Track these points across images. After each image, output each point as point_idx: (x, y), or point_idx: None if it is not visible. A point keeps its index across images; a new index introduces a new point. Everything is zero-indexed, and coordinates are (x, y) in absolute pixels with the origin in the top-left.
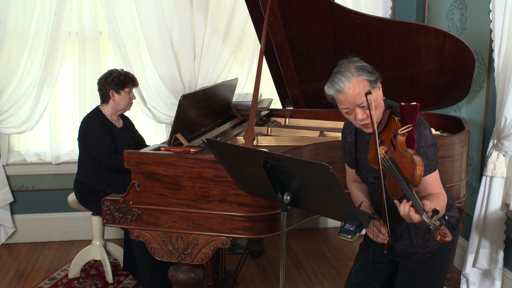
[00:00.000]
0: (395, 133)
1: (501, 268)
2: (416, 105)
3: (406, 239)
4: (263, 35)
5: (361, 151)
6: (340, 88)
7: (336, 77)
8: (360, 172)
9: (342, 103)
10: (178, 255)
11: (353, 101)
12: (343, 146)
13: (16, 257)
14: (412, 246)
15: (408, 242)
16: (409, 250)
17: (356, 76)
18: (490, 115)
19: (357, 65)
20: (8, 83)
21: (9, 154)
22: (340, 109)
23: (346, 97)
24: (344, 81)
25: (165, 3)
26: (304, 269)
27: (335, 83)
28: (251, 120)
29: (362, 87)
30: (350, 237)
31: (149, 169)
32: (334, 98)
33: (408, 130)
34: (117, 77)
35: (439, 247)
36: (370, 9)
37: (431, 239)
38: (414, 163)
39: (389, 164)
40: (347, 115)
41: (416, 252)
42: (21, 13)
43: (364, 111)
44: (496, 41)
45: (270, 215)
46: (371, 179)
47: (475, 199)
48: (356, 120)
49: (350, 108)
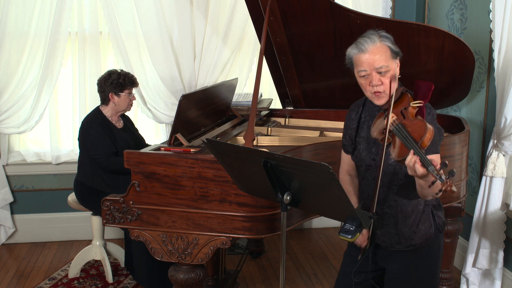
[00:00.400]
0: (406, 106)
1: (501, 268)
2: (430, 84)
3: (392, 228)
4: (263, 35)
5: (361, 132)
6: (363, 48)
7: (362, 39)
8: (356, 156)
9: (361, 65)
10: (178, 255)
11: (372, 63)
12: (345, 126)
13: (16, 257)
14: (396, 235)
15: (393, 232)
16: (392, 239)
17: (381, 41)
18: (490, 115)
19: (383, 34)
20: (8, 83)
21: (9, 154)
22: (356, 73)
23: (367, 58)
24: (369, 42)
25: (165, 3)
26: (304, 269)
27: (359, 43)
28: (251, 120)
29: (384, 52)
30: (350, 237)
31: (149, 169)
32: (354, 59)
33: (419, 106)
34: (116, 79)
35: (423, 241)
36: (370, 9)
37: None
38: (425, 126)
39: (398, 127)
40: (362, 80)
41: (398, 242)
42: (21, 13)
43: (380, 78)
44: (496, 41)
45: (270, 215)
46: (367, 161)
47: (475, 199)
48: (370, 85)
49: (367, 71)
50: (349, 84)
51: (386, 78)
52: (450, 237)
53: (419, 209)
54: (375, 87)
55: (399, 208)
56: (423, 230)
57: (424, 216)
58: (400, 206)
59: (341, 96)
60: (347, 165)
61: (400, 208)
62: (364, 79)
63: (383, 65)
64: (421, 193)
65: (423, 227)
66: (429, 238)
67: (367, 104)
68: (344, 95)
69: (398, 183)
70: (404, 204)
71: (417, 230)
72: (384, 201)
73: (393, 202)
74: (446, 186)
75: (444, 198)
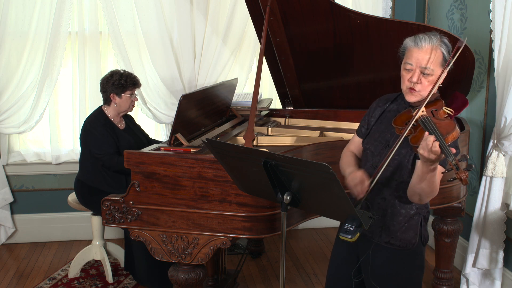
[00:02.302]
0: (438, 108)
1: (501, 268)
2: (467, 100)
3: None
4: (263, 35)
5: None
6: (420, 44)
7: (422, 35)
8: (366, 142)
9: (410, 58)
10: (178, 255)
11: (421, 61)
12: (367, 113)
13: (16, 257)
14: (380, 227)
15: (377, 223)
16: (374, 230)
17: (438, 45)
18: (490, 115)
19: (445, 40)
20: (8, 83)
21: (9, 154)
22: (403, 64)
23: (418, 54)
24: (427, 40)
25: (165, 3)
26: (304, 269)
27: (418, 38)
28: (251, 120)
29: (435, 56)
30: (350, 237)
31: (149, 169)
32: (407, 50)
33: (449, 113)
34: (117, 80)
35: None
36: (370, 9)
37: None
38: (454, 125)
39: (426, 119)
40: (405, 72)
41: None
42: (21, 13)
43: (421, 77)
44: (496, 41)
45: (270, 215)
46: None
47: (475, 199)
48: (409, 80)
49: (412, 66)
50: (349, 84)
51: (426, 79)
52: (450, 237)
53: (409, 213)
54: (412, 83)
55: (391, 203)
56: (407, 235)
57: (413, 222)
58: (392, 202)
59: (341, 96)
60: (354, 146)
61: (392, 203)
62: (407, 72)
63: (429, 67)
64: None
65: (407, 231)
66: (409, 245)
67: (398, 100)
68: (344, 95)
69: (399, 180)
70: (397, 202)
71: (399, 230)
72: (379, 191)
73: (388, 196)
74: (464, 176)
75: (444, 198)
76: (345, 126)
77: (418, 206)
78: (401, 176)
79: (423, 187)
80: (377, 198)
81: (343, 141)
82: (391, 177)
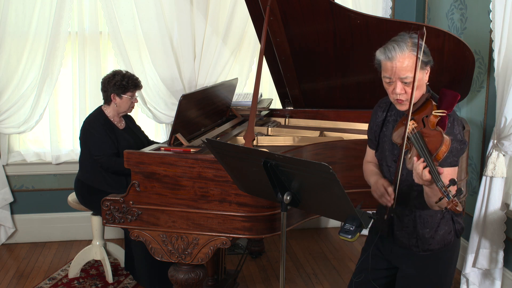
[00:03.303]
0: (428, 114)
1: (501, 268)
2: (456, 94)
3: (411, 230)
4: (263, 35)
5: (386, 131)
6: (390, 56)
7: (391, 45)
8: (379, 154)
9: (386, 71)
10: (178, 255)
11: (398, 73)
12: (370, 123)
13: (16, 257)
14: (415, 238)
15: (412, 234)
16: (410, 240)
17: (410, 51)
18: (490, 115)
19: (415, 41)
20: (8, 83)
21: (9, 154)
22: (382, 77)
23: (393, 66)
24: (397, 50)
25: (165, 3)
26: (304, 269)
27: (387, 50)
28: (251, 120)
29: (411, 62)
30: (350, 237)
31: (149, 169)
32: (381, 63)
33: (441, 115)
34: (119, 81)
35: (441, 247)
36: (370, 9)
37: (435, 238)
38: (442, 138)
39: (415, 136)
40: (387, 85)
41: (416, 245)
42: (21, 13)
43: (404, 87)
44: (496, 41)
45: (270, 215)
46: (389, 162)
47: (475, 199)
48: (393, 93)
49: (392, 79)
50: (349, 84)
51: (409, 87)
52: None
53: (438, 216)
54: (398, 95)
55: (418, 212)
56: (442, 235)
57: (444, 221)
58: (419, 210)
59: (341, 96)
60: (370, 158)
61: (419, 212)
62: (389, 85)
63: (408, 75)
64: (428, 202)
65: (441, 232)
66: (447, 244)
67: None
68: (344, 95)
69: (419, 189)
70: (424, 210)
71: (435, 235)
72: (404, 204)
73: (413, 206)
74: (452, 205)
75: None
76: (345, 126)
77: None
78: (418, 185)
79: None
80: (406, 210)
81: (343, 141)
82: (411, 188)
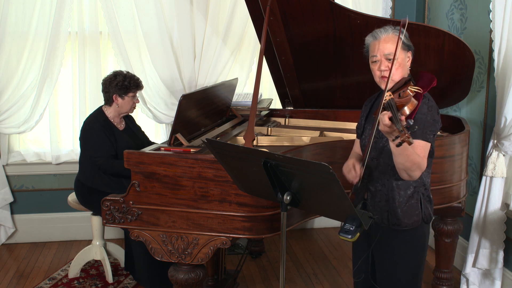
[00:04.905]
0: (404, 89)
1: (501, 268)
2: (433, 76)
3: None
4: (263, 35)
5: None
6: (376, 36)
7: (378, 29)
8: (362, 140)
9: (373, 51)
10: (178, 255)
11: (382, 49)
12: (361, 114)
13: (16, 257)
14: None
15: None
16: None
17: (393, 33)
18: (490, 115)
19: (398, 27)
20: (8, 83)
21: (9, 154)
22: (370, 59)
23: (379, 44)
24: (382, 31)
25: (165, 3)
26: (304, 269)
27: (375, 32)
28: (251, 120)
29: (394, 41)
30: (350, 237)
31: (149, 169)
32: (369, 46)
33: (417, 91)
34: (121, 81)
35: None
36: (370, 9)
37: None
38: (410, 98)
39: (389, 102)
40: (373, 64)
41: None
42: (21, 13)
43: (388, 64)
44: (496, 41)
45: (270, 215)
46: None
47: (475, 199)
48: (378, 70)
49: (378, 57)
50: (349, 84)
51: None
52: (450, 237)
53: (408, 194)
54: (382, 72)
55: (390, 187)
56: (410, 213)
57: (413, 201)
58: (391, 186)
59: (341, 96)
60: (356, 147)
61: (391, 187)
62: (375, 64)
63: (392, 52)
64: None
65: (409, 211)
66: (414, 223)
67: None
68: (344, 95)
69: (391, 163)
70: (395, 186)
71: (404, 211)
72: (378, 178)
73: (386, 181)
74: (404, 137)
75: (444, 198)
76: (345, 126)
77: (415, 185)
78: (391, 160)
79: (402, 162)
80: (378, 185)
81: (343, 141)
82: (384, 162)
